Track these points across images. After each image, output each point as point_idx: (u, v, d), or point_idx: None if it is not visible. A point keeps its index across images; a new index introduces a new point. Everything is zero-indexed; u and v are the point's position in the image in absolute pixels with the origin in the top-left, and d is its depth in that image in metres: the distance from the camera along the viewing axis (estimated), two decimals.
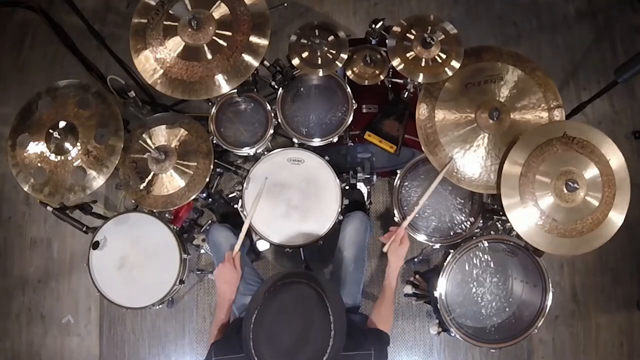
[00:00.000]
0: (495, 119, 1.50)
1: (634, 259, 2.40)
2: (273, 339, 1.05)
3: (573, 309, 2.38)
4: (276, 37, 2.56)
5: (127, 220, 1.78)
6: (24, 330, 2.46)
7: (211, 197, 2.03)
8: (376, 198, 2.44)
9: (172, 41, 1.51)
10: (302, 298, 1.08)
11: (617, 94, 2.54)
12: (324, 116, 1.80)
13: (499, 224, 1.73)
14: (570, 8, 2.71)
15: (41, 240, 2.53)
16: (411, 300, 2.23)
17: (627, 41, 2.63)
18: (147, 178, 1.71)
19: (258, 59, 1.51)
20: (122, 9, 2.76)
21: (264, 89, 1.88)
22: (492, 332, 1.68)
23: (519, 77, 1.57)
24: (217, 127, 1.80)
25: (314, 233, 1.74)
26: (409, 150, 1.88)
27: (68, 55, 2.61)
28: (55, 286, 2.48)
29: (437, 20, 1.57)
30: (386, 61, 1.66)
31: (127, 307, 1.75)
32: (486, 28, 2.68)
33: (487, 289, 1.71)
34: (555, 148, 1.47)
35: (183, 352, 2.38)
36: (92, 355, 2.42)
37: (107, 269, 1.76)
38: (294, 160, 1.79)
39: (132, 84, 2.34)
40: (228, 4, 1.52)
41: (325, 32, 1.65)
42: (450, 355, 2.33)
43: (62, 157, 1.58)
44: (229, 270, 1.47)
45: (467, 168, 1.56)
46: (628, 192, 1.47)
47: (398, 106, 1.84)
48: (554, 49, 2.64)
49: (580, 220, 1.45)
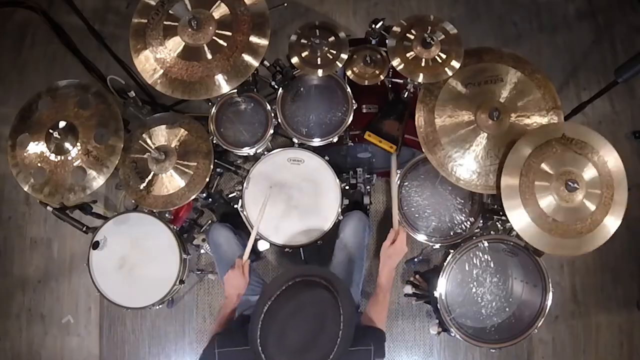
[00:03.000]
0: (495, 119, 1.51)
1: (634, 259, 2.40)
2: (283, 335, 1.05)
3: (573, 309, 2.38)
4: (276, 37, 2.56)
5: (127, 220, 1.78)
6: (24, 330, 2.45)
7: (211, 197, 2.03)
8: (376, 198, 2.44)
9: (172, 41, 1.51)
10: (320, 302, 1.08)
11: (617, 94, 2.54)
12: (324, 116, 1.80)
13: (499, 224, 1.73)
14: (570, 8, 2.71)
15: (41, 240, 2.53)
16: (411, 300, 2.23)
17: (627, 41, 2.63)
18: (147, 178, 1.71)
19: (258, 59, 1.51)
20: (122, 9, 2.75)
21: (264, 89, 1.88)
22: (492, 332, 1.68)
23: (519, 79, 1.57)
24: (217, 127, 1.80)
25: (314, 233, 1.74)
26: (409, 150, 1.88)
27: (68, 55, 2.61)
28: (55, 286, 2.48)
29: (437, 20, 1.57)
30: (386, 61, 1.66)
31: (127, 307, 1.75)
32: (486, 28, 2.68)
33: (487, 289, 1.71)
34: (555, 149, 1.47)
35: (183, 352, 2.38)
36: (92, 355, 2.42)
37: (107, 269, 1.76)
38: (294, 160, 1.79)
39: (132, 84, 2.35)
40: (228, 4, 1.52)
41: (325, 32, 1.65)
42: (450, 355, 2.33)
43: (62, 157, 1.58)
44: (238, 276, 1.49)
45: (467, 168, 1.56)
46: (625, 193, 1.47)
47: (398, 106, 1.84)
48: (554, 49, 2.64)
49: (580, 221, 1.45)
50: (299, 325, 1.05)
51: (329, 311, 1.07)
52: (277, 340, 1.05)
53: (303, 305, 1.07)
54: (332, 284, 1.13)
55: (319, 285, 1.12)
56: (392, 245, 1.49)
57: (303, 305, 1.07)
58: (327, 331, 1.06)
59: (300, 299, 1.08)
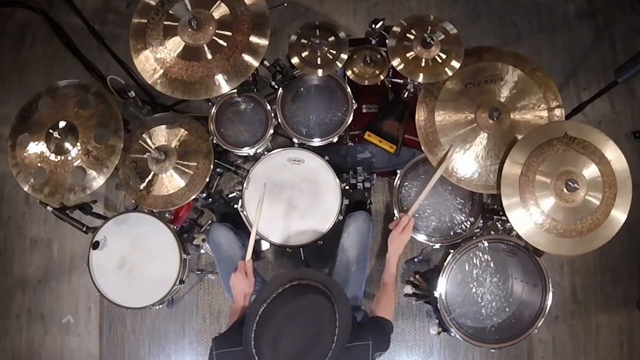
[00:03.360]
0: (496, 119, 1.50)
1: (634, 259, 2.40)
2: (277, 339, 1.04)
3: (573, 309, 2.38)
4: (276, 37, 2.56)
5: (127, 220, 1.78)
6: (24, 330, 2.45)
7: (211, 197, 2.03)
8: (376, 198, 2.44)
9: (172, 41, 1.51)
10: (317, 308, 1.07)
11: (617, 94, 2.54)
12: (324, 116, 1.80)
13: (499, 224, 1.73)
14: (570, 8, 2.71)
15: (41, 240, 2.53)
16: (411, 300, 2.23)
17: (627, 41, 2.63)
18: (147, 178, 1.71)
19: (258, 59, 1.51)
20: (122, 9, 2.75)
21: (264, 89, 1.88)
22: (492, 332, 1.68)
23: (519, 78, 1.57)
24: (217, 127, 1.80)
25: (314, 233, 1.74)
26: (409, 150, 1.88)
27: (68, 55, 2.61)
28: (55, 286, 2.48)
29: (437, 20, 1.57)
30: (386, 61, 1.66)
31: (127, 307, 1.75)
32: (486, 28, 2.68)
33: (487, 289, 1.71)
34: (556, 148, 1.46)
35: (183, 352, 2.38)
36: (92, 355, 2.41)
37: (107, 269, 1.76)
38: (294, 160, 1.79)
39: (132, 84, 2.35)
40: (228, 4, 1.52)
41: (325, 32, 1.65)
42: (450, 355, 2.33)
43: (62, 157, 1.58)
44: (242, 278, 1.47)
45: (467, 168, 1.56)
46: (630, 193, 1.46)
47: (398, 106, 1.84)
48: (554, 49, 2.64)
49: (580, 221, 1.45)
50: (294, 331, 1.05)
51: (325, 317, 1.07)
52: (271, 344, 1.04)
53: (299, 311, 1.06)
54: (329, 289, 1.12)
55: (317, 291, 1.11)
56: (403, 233, 1.51)
57: (299, 311, 1.06)
58: (322, 338, 1.05)
59: (297, 303, 1.07)
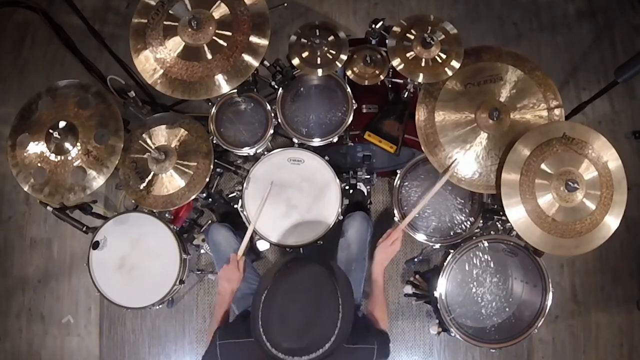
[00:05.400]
0: (495, 119, 1.51)
1: (634, 259, 2.40)
2: (283, 317, 1.03)
3: (573, 309, 2.38)
4: (276, 37, 2.56)
5: (127, 220, 1.78)
6: (24, 330, 2.45)
7: (211, 197, 2.03)
8: (376, 198, 2.44)
9: (172, 41, 1.51)
10: (313, 274, 1.06)
11: (617, 94, 2.55)
12: (324, 116, 1.80)
13: (499, 224, 1.73)
14: (570, 8, 2.71)
15: (41, 240, 2.53)
16: (411, 300, 2.23)
17: (627, 41, 2.63)
18: (147, 178, 1.71)
19: (258, 59, 1.51)
20: (122, 9, 2.75)
21: (264, 89, 1.88)
22: (492, 332, 1.68)
23: (518, 77, 1.57)
24: (217, 127, 1.80)
25: (314, 233, 1.74)
26: (409, 150, 1.88)
27: (68, 55, 2.61)
28: (55, 286, 2.48)
29: (437, 20, 1.57)
30: (386, 61, 1.66)
31: (127, 307, 1.75)
32: (486, 28, 2.68)
33: (487, 289, 1.71)
34: (555, 148, 1.47)
35: (183, 352, 2.38)
36: (92, 355, 2.42)
37: (107, 269, 1.76)
38: (294, 160, 1.79)
39: (132, 84, 2.35)
40: (228, 4, 1.52)
41: (325, 32, 1.65)
42: (450, 355, 2.33)
43: (62, 157, 1.58)
44: (232, 269, 1.48)
45: (467, 168, 1.56)
46: (625, 193, 1.47)
47: (398, 106, 1.84)
48: (554, 49, 2.64)
49: (579, 221, 1.45)
50: (296, 302, 1.03)
51: (324, 281, 1.05)
52: (279, 325, 1.02)
53: (297, 282, 1.05)
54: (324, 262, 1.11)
55: (310, 261, 1.10)
56: (393, 245, 1.50)
57: (297, 282, 1.05)
58: (326, 305, 1.03)
59: (293, 277, 1.06)
